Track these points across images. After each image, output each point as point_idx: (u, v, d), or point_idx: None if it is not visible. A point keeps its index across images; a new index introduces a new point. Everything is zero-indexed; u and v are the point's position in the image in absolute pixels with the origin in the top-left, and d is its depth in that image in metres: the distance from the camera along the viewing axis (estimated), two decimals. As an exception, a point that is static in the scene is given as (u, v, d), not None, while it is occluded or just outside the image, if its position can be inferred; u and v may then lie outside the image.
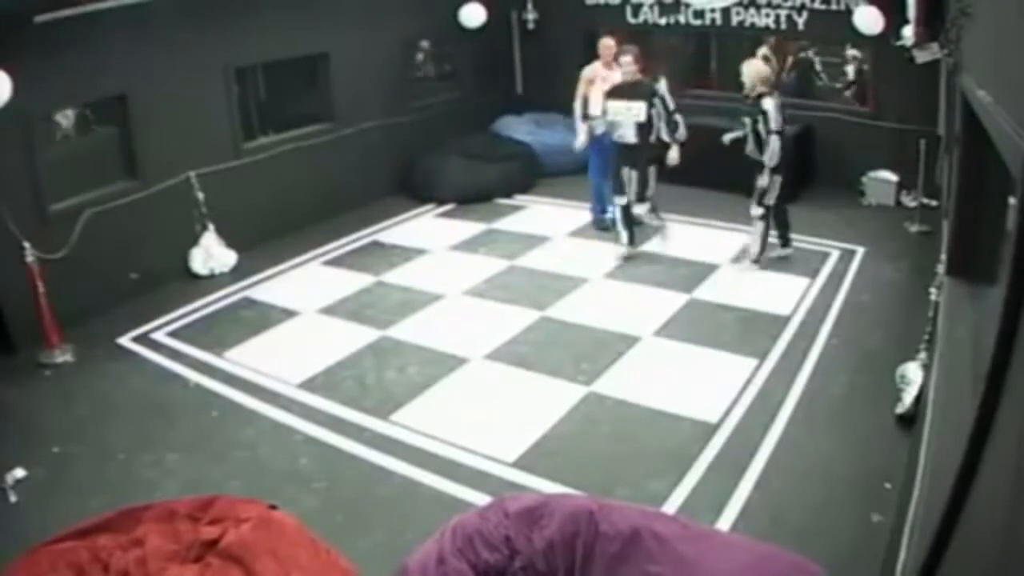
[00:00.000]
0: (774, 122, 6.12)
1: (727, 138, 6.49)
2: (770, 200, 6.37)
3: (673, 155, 6.52)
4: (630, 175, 6.56)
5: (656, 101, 6.39)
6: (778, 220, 6.67)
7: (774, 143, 6.10)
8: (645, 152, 6.52)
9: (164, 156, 6.45)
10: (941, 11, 4.47)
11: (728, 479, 3.93)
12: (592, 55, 7.47)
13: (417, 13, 8.57)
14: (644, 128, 6.43)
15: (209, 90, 6.81)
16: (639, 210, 6.71)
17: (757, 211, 6.42)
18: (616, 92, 6.55)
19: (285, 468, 4.20)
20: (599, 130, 6.83)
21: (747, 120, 6.29)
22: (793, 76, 9.47)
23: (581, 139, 7.08)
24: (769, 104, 6.14)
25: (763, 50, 9.20)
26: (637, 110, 6.39)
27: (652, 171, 6.62)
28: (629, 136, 6.46)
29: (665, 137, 6.49)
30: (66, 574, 2.76)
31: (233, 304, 6.33)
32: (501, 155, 8.73)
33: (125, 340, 5.74)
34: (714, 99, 8.91)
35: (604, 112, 6.63)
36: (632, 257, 6.76)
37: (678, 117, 6.51)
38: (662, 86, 6.64)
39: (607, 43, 7.26)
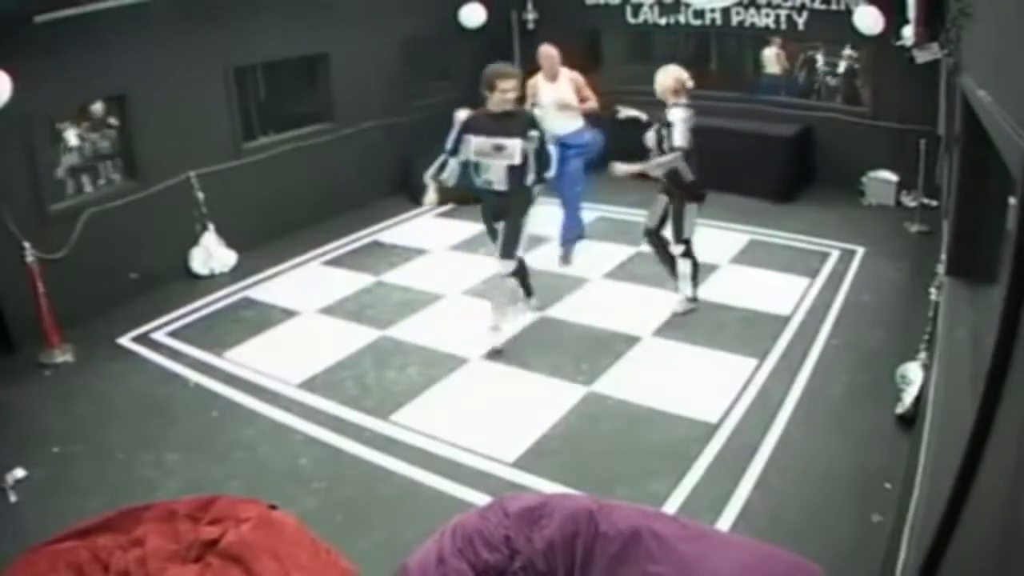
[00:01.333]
0: (679, 137, 5.31)
1: (623, 114, 5.98)
2: (690, 232, 5.61)
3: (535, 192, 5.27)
4: (498, 229, 5.29)
5: (533, 136, 5.00)
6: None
7: (669, 157, 5.33)
8: (519, 200, 5.14)
9: (164, 156, 6.45)
10: (941, 11, 4.47)
11: (728, 479, 3.93)
12: (592, 56, 7.44)
13: (417, 13, 8.57)
14: (517, 171, 5.04)
15: (209, 90, 6.81)
16: (501, 269, 5.31)
17: (677, 249, 5.65)
18: (480, 126, 5.07)
19: (285, 468, 4.20)
20: (451, 180, 5.29)
21: (653, 134, 5.56)
22: (803, 75, 9.46)
23: (430, 197, 5.56)
24: (676, 116, 5.35)
25: (773, 49, 9.21)
26: (510, 150, 4.99)
27: (525, 224, 5.21)
28: (498, 182, 5.10)
29: (530, 177, 5.12)
30: (66, 574, 2.76)
31: (233, 304, 6.32)
32: (501, 155, 8.71)
33: (125, 340, 5.74)
34: (714, 99, 8.92)
35: (455, 149, 5.18)
36: (539, 310, 5.80)
37: (551, 148, 5.28)
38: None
39: (548, 52, 6.48)
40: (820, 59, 9.44)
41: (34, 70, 5.19)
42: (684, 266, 5.72)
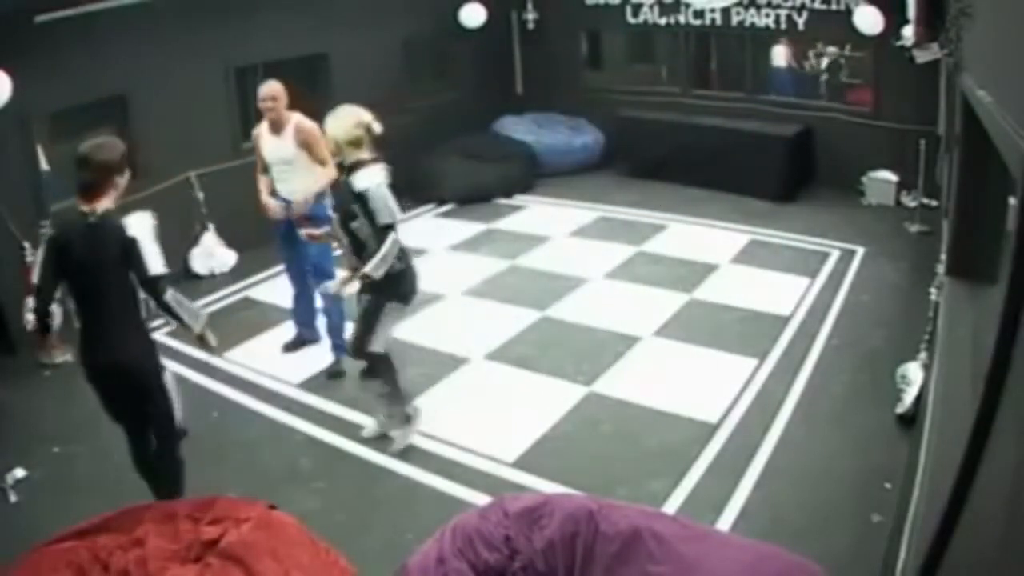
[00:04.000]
0: (385, 211, 3.78)
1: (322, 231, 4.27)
2: (378, 344, 4.04)
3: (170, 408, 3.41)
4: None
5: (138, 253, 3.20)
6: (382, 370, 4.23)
7: (388, 243, 3.80)
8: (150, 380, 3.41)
9: (164, 156, 6.45)
10: (941, 11, 4.47)
11: (728, 479, 3.93)
12: (592, 56, 7.42)
13: (417, 13, 8.58)
14: None
15: (209, 90, 6.81)
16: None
17: (361, 360, 4.19)
18: None
19: (285, 468, 4.20)
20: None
21: (333, 214, 4.17)
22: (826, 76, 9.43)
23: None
24: (367, 181, 3.78)
25: (781, 47, 9.18)
26: None
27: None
28: None
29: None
30: (66, 574, 2.76)
31: (233, 304, 6.32)
32: (501, 155, 8.73)
33: (125, 340, 5.73)
34: (714, 99, 8.94)
35: None
36: None
37: (176, 303, 3.42)
38: (141, 225, 3.28)
39: (267, 91, 4.83)
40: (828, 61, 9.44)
41: (34, 70, 5.19)
42: (379, 388, 4.23)
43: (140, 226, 3.33)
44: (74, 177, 3.32)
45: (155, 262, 3.33)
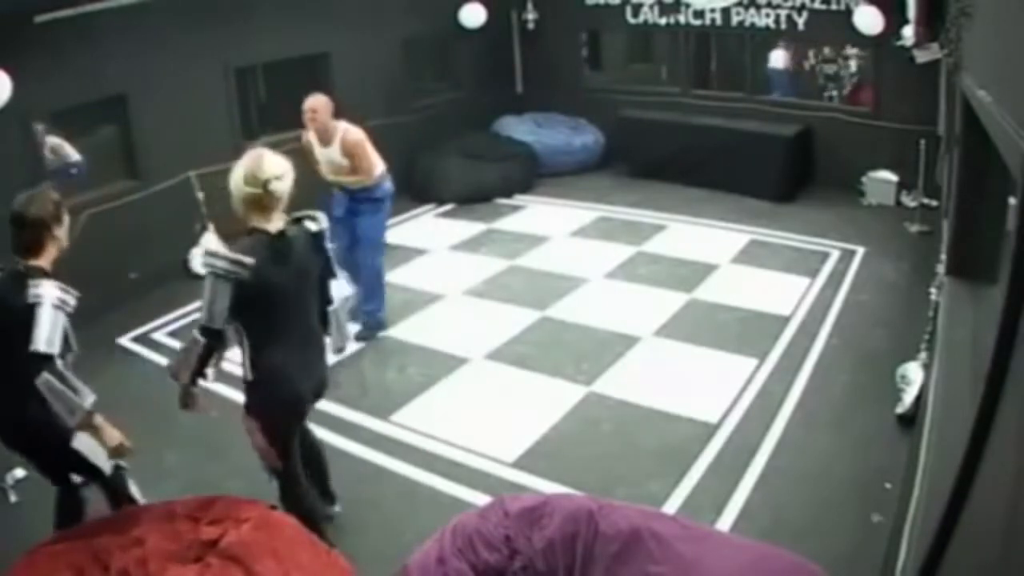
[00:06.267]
0: (203, 311, 3.10)
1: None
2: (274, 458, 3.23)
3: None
4: None
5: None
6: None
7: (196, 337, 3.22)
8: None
9: (164, 156, 6.45)
10: (941, 11, 4.48)
11: (728, 479, 3.93)
12: (592, 56, 7.42)
13: (417, 13, 8.58)
14: None
15: (209, 90, 6.81)
16: None
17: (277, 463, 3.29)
18: None
19: (285, 468, 4.19)
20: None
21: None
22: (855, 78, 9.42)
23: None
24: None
25: (778, 50, 9.16)
26: None
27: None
28: None
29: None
30: (66, 574, 2.76)
31: (233, 304, 6.31)
32: (501, 155, 8.73)
33: (125, 340, 5.74)
34: (714, 99, 8.94)
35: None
36: None
37: (48, 390, 2.88)
38: (47, 294, 3.11)
39: (310, 105, 4.95)
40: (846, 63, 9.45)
41: (34, 70, 5.19)
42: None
43: (46, 295, 3.13)
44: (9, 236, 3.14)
45: (43, 338, 2.98)
